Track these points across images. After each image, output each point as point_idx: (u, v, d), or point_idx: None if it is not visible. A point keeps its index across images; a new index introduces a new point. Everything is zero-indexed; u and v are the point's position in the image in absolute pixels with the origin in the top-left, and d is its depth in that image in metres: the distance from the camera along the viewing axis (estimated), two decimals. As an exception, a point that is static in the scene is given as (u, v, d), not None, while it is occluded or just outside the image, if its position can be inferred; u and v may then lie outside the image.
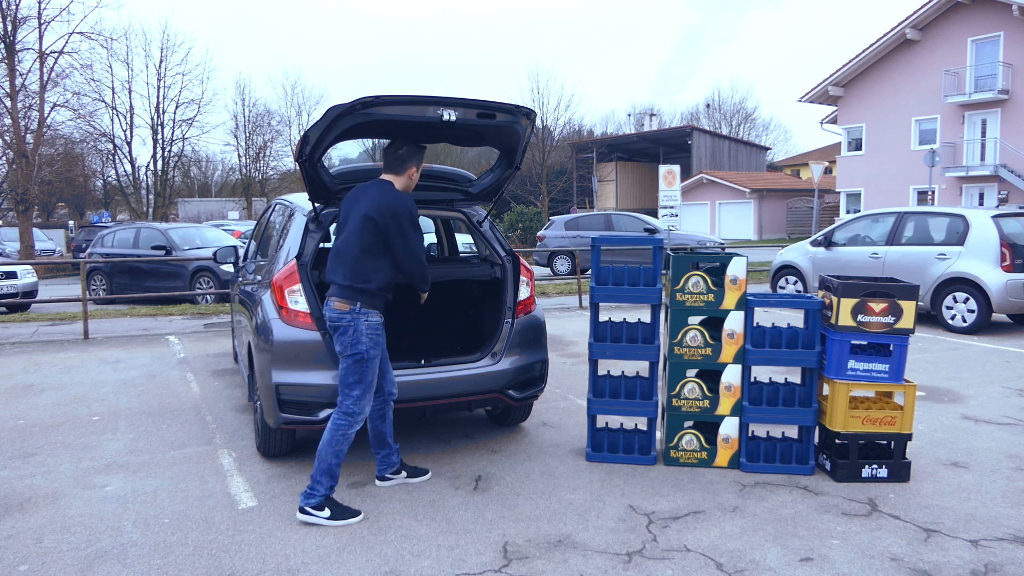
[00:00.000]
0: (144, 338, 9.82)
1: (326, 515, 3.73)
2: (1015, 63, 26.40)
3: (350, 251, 3.87)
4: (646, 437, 4.61)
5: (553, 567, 3.29)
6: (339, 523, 3.72)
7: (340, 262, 3.91)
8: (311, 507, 3.74)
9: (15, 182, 24.22)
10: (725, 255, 4.41)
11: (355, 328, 3.81)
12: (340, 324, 3.83)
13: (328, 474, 3.78)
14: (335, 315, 3.86)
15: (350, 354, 3.82)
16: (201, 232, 15.91)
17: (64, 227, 34.54)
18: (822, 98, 32.34)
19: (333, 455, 3.78)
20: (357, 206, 3.93)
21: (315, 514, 3.73)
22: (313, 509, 3.74)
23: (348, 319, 3.82)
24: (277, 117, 44.84)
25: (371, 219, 3.82)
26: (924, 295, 9.48)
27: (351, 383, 3.82)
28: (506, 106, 4.31)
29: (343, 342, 3.82)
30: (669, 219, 16.08)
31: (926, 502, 3.98)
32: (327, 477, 3.78)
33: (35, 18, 23.62)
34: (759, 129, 62.67)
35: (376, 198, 3.86)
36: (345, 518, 3.75)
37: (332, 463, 3.78)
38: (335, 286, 3.91)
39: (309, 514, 3.74)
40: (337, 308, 3.85)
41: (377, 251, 3.87)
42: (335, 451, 3.79)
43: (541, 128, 41.61)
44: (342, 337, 3.83)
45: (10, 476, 4.52)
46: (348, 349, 3.81)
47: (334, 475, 3.80)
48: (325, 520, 3.72)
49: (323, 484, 3.77)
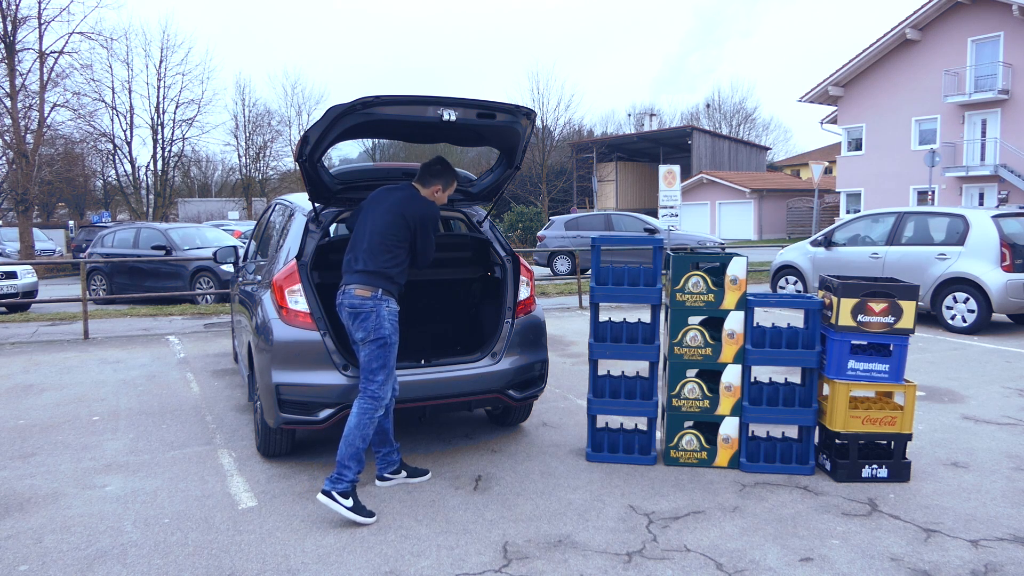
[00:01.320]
0: (144, 338, 9.82)
1: (349, 504, 3.71)
2: (1015, 63, 26.40)
3: (376, 243, 4.01)
4: (646, 437, 4.61)
5: (553, 567, 3.29)
6: (356, 517, 3.70)
7: (363, 253, 4.02)
8: (339, 492, 3.72)
9: (15, 182, 24.22)
10: (725, 255, 4.41)
11: (378, 313, 3.90)
12: (363, 310, 3.91)
13: (355, 458, 3.80)
14: (357, 301, 3.92)
15: (374, 338, 3.88)
16: (201, 232, 15.91)
17: (64, 227, 34.55)
18: (822, 98, 32.34)
19: (361, 439, 3.82)
20: (384, 205, 4.10)
21: (340, 500, 3.70)
22: (339, 495, 3.71)
23: (371, 304, 3.91)
24: (277, 117, 44.92)
25: (403, 219, 4.03)
26: (924, 295, 9.48)
27: (375, 368, 3.89)
28: (506, 106, 4.31)
29: (366, 327, 3.89)
30: (669, 219, 16.08)
31: (926, 502, 3.98)
32: (355, 462, 3.80)
33: (35, 18, 23.67)
34: (759, 129, 62.73)
35: (409, 202, 4.09)
36: (362, 515, 3.73)
37: (360, 447, 3.82)
38: (356, 274, 4.00)
39: (333, 499, 3.70)
40: (359, 295, 3.93)
41: (402, 247, 4.06)
42: (362, 435, 3.83)
43: (541, 128, 41.60)
44: (364, 323, 3.89)
45: (10, 476, 4.52)
46: (372, 334, 3.88)
47: (361, 460, 3.83)
48: (346, 509, 3.69)
49: (351, 469, 3.78)
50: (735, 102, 62.11)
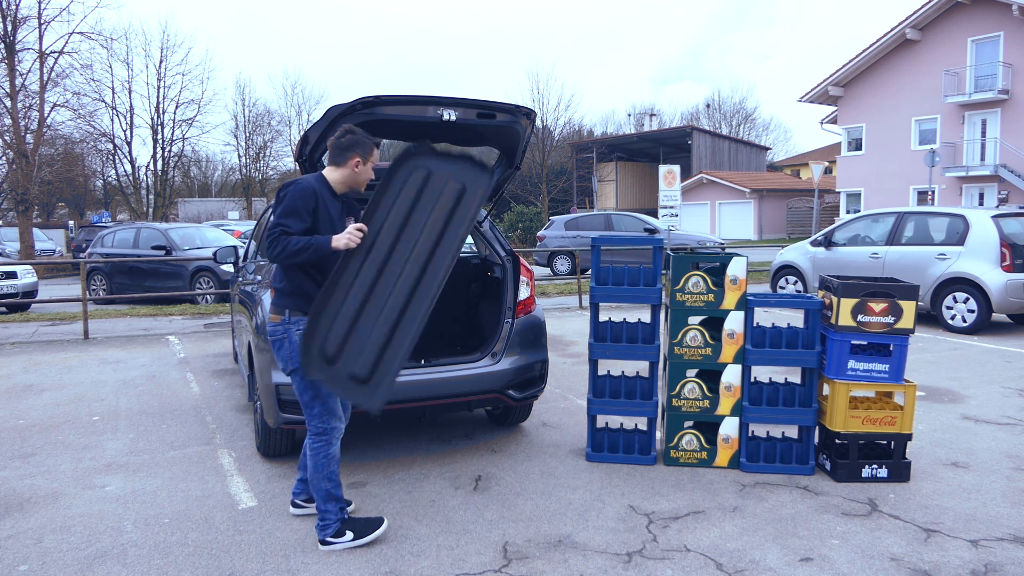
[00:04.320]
0: (144, 338, 9.82)
1: (349, 538, 3.46)
2: (1015, 63, 26.40)
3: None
4: (646, 437, 4.61)
5: (553, 567, 3.29)
6: (367, 539, 3.47)
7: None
8: (330, 537, 3.46)
9: (15, 182, 24.22)
10: (725, 255, 4.41)
11: (289, 339, 3.45)
12: (275, 338, 3.49)
13: (330, 499, 3.48)
14: (269, 328, 3.53)
15: (292, 369, 3.46)
16: (201, 232, 15.91)
17: (64, 227, 34.55)
18: (822, 98, 32.34)
19: (325, 479, 3.47)
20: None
21: (337, 542, 3.45)
22: (333, 538, 3.46)
23: (281, 331, 3.47)
24: (277, 117, 44.98)
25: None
26: (924, 295, 9.48)
27: (307, 401, 3.44)
28: (506, 106, 4.31)
29: (283, 357, 3.48)
30: (669, 219, 16.09)
31: (926, 502, 3.98)
32: (331, 503, 3.49)
33: (35, 18, 23.67)
34: (759, 129, 62.73)
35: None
36: (369, 533, 3.49)
37: (327, 487, 3.48)
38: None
39: (331, 544, 3.45)
40: (271, 321, 3.52)
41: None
42: (325, 475, 3.47)
43: (541, 128, 41.60)
44: (280, 353, 3.49)
45: (10, 476, 4.52)
46: (289, 364, 3.46)
47: (337, 498, 3.51)
48: (351, 543, 3.45)
49: (331, 512, 3.48)
50: (735, 102, 62.22)
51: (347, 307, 3.25)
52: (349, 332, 3.24)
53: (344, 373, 3.24)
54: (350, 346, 3.24)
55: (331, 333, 3.23)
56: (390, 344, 3.27)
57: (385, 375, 3.26)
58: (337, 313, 3.24)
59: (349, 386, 3.26)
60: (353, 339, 3.24)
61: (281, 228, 3.28)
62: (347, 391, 3.28)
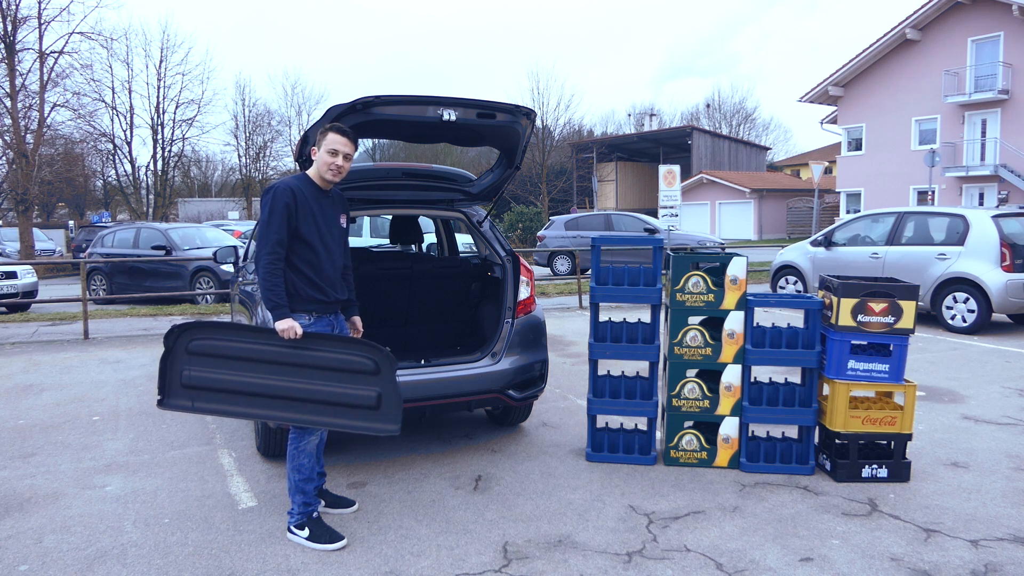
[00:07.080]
0: (144, 338, 9.82)
1: (305, 535, 3.52)
2: (1015, 63, 26.40)
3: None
4: (646, 437, 4.61)
5: (553, 567, 3.29)
6: (317, 547, 3.47)
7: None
8: (293, 526, 3.57)
9: (15, 182, 24.22)
10: (725, 255, 4.41)
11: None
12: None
13: (296, 490, 3.58)
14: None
15: None
16: (201, 232, 15.91)
17: (64, 227, 34.52)
18: (822, 98, 32.34)
19: (295, 470, 3.59)
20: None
21: (296, 533, 3.56)
22: (294, 527, 3.57)
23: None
24: (277, 117, 44.93)
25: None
26: (924, 295, 9.48)
27: None
28: (506, 106, 4.31)
29: None
30: (669, 219, 16.08)
31: (926, 502, 3.98)
32: (297, 494, 3.58)
33: (35, 18, 23.68)
34: (759, 129, 62.70)
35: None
36: (323, 542, 3.49)
37: (295, 479, 3.58)
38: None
39: (293, 534, 3.57)
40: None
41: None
42: (295, 466, 3.59)
43: (541, 128, 41.60)
44: None
45: (10, 476, 4.52)
46: None
47: (304, 491, 3.58)
48: (304, 540, 3.51)
49: (296, 502, 3.59)
50: (735, 102, 62.16)
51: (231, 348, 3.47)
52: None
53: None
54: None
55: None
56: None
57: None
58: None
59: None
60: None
61: (259, 247, 3.55)
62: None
